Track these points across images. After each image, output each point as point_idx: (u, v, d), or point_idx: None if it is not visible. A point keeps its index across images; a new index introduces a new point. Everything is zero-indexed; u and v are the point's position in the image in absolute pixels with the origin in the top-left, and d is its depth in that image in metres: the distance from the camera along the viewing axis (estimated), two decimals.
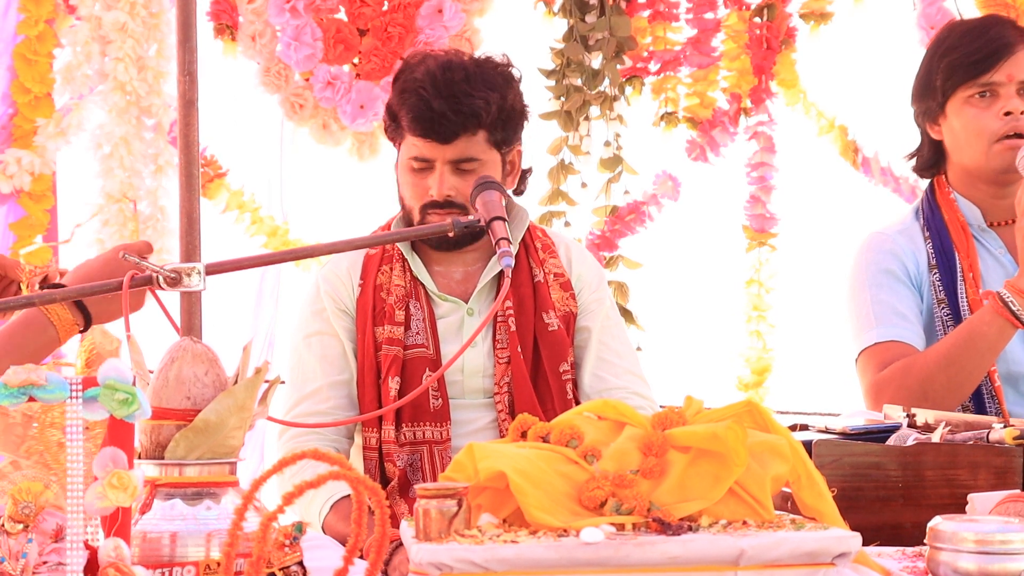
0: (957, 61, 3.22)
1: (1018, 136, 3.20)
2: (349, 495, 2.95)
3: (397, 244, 3.08)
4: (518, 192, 3.19)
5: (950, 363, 3.08)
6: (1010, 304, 3.05)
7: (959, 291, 3.22)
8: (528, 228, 3.12)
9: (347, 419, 3.02)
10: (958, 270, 3.24)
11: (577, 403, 3.09)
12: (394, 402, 2.96)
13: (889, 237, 3.31)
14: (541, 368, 3.04)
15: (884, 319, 3.20)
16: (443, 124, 2.96)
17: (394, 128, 3.07)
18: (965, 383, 3.10)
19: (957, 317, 3.20)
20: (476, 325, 3.04)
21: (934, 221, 3.30)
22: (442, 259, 3.10)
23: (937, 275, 3.24)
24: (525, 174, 3.18)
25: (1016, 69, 3.22)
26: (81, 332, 2.65)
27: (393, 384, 2.97)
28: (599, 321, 3.12)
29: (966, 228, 3.28)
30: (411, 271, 3.07)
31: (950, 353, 3.09)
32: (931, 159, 3.35)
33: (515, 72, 3.08)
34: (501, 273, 3.04)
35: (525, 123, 3.12)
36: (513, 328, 3.04)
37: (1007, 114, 3.20)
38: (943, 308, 3.22)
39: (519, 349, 3.02)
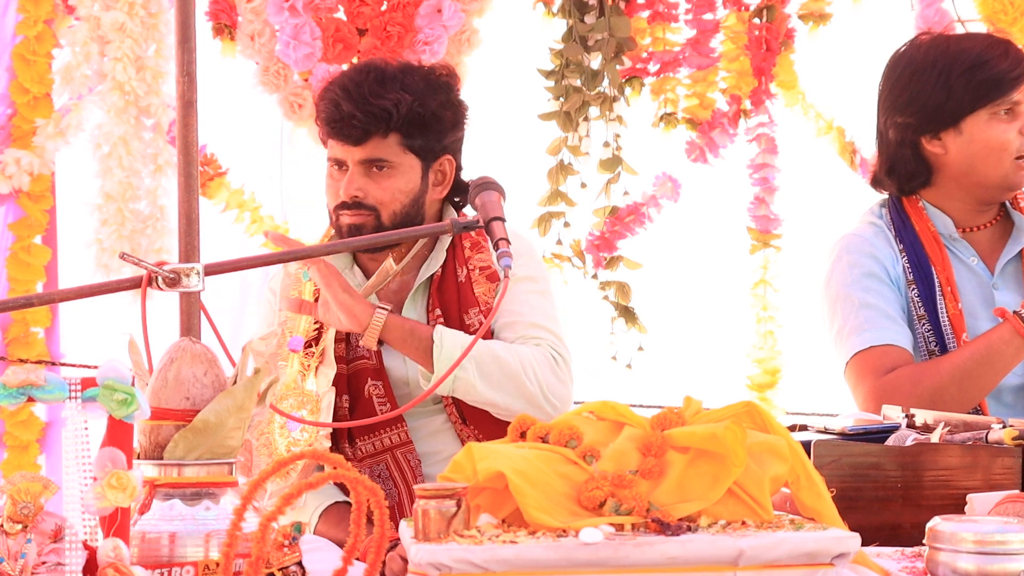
0: (992, 77, 3.21)
1: None
2: (337, 503, 2.96)
3: (340, 256, 3.08)
4: (462, 204, 3.14)
5: (964, 376, 3.10)
6: None
7: (939, 306, 3.23)
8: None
9: (332, 423, 3.01)
10: (936, 285, 3.25)
11: None
12: (346, 419, 2.98)
13: (866, 239, 3.30)
14: None
15: (874, 322, 3.21)
16: (350, 125, 2.97)
17: (321, 133, 3.10)
18: (976, 396, 3.14)
19: (939, 332, 3.22)
20: None
21: (906, 233, 3.29)
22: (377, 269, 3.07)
23: (916, 291, 3.25)
24: (463, 186, 3.11)
25: None
26: None
27: (343, 403, 3.00)
28: (511, 293, 3.04)
29: (938, 239, 3.28)
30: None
31: (965, 367, 3.11)
32: (916, 174, 3.31)
33: (451, 82, 3.06)
34: (431, 280, 3.04)
35: (458, 134, 3.08)
36: None
37: None
38: (924, 324, 3.24)
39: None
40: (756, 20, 4.66)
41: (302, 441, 2.92)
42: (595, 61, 4.59)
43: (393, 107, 2.97)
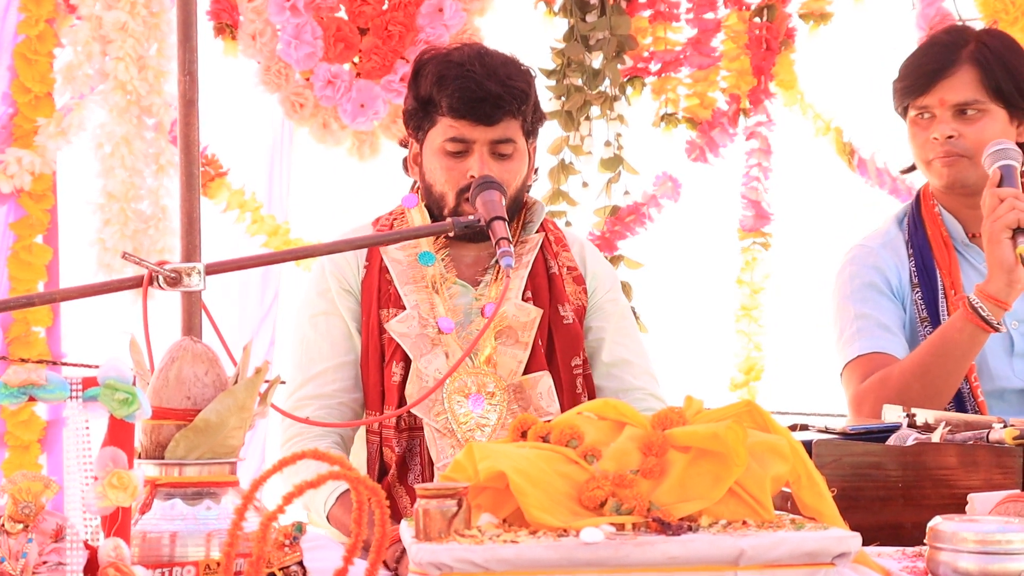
0: (899, 82, 3.26)
1: (955, 156, 3.22)
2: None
3: (424, 243, 3.05)
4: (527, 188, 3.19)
5: (925, 371, 3.08)
6: (979, 310, 3.04)
7: (940, 309, 3.23)
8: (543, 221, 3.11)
9: (352, 420, 3.00)
10: (939, 288, 3.25)
11: (590, 398, 3.07)
12: (398, 387, 2.94)
13: (872, 251, 3.31)
14: (554, 360, 3.01)
15: (867, 332, 3.21)
16: (492, 104, 2.93)
17: (422, 115, 3.00)
18: (942, 390, 3.09)
19: None
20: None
21: (917, 237, 3.30)
22: (453, 242, 3.06)
23: (919, 293, 3.25)
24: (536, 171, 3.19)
25: (949, 93, 3.19)
26: None
27: (397, 369, 2.96)
28: (614, 321, 3.10)
29: (949, 244, 3.28)
30: None
31: (924, 361, 3.09)
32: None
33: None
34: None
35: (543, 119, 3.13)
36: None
37: (935, 139, 3.21)
38: (926, 326, 3.24)
39: (539, 342, 3.00)
40: (757, 19, 4.66)
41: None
42: (596, 60, 4.59)
43: (526, 88, 2.98)
